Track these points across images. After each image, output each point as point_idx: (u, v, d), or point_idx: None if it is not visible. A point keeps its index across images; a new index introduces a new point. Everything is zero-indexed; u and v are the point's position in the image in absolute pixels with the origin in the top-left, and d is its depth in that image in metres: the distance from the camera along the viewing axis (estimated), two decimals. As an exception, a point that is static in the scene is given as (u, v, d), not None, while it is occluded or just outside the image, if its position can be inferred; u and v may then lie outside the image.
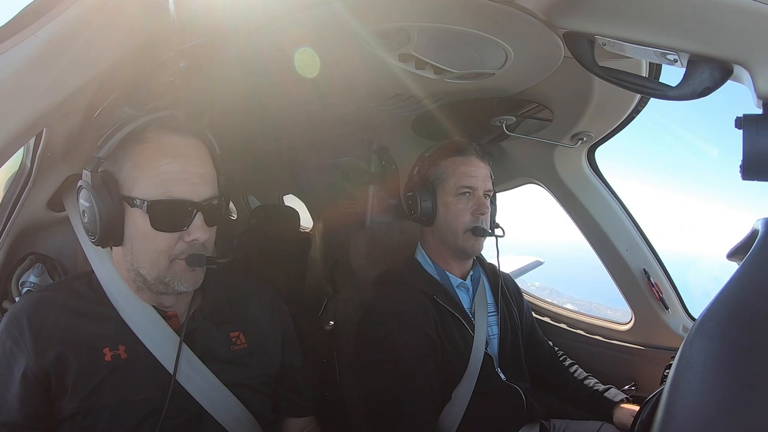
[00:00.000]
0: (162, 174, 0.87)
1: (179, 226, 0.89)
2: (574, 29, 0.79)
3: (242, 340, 1.04)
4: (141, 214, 0.87)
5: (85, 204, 0.88)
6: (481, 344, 1.34)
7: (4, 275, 1.12)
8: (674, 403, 0.49)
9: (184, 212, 0.89)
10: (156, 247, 0.89)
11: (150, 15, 0.77)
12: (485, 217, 1.38)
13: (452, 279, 1.42)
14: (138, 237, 0.89)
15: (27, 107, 0.71)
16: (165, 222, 0.88)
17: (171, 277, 0.91)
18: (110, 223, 0.87)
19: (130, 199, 0.87)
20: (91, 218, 0.87)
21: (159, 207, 0.86)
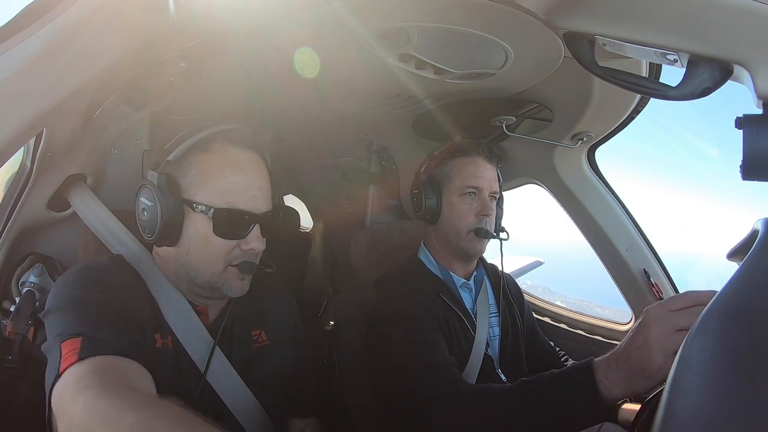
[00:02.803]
0: (226, 184, 0.92)
1: (238, 234, 0.93)
2: (574, 29, 0.79)
3: (263, 337, 1.07)
4: (203, 219, 0.91)
5: (146, 203, 0.91)
6: (482, 345, 1.34)
7: (4, 275, 1.12)
8: (674, 403, 0.49)
9: (244, 222, 0.93)
10: (214, 250, 0.92)
11: (150, 15, 0.77)
12: (489, 218, 1.37)
13: (456, 279, 1.42)
14: (197, 240, 0.92)
15: (27, 107, 0.71)
16: (226, 229, 0.92)
17: (222, 282, 0.94)
18: (170, 224, 0.90)
19: (193, 203, 0.91)
20: (152, 217, 0.90)
21: (223, 215, 0.91)
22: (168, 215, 0.89)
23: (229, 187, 0.92)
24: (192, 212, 0.91)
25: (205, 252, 0.93)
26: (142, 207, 0.92)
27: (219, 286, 0.94)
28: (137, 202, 0.94)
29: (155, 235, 0.91)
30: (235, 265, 0.94)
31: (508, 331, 1.45)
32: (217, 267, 0.93)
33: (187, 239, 0.92)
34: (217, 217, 0.90)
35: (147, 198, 0.92)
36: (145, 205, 0.92)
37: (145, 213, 0.92)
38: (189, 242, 0.93)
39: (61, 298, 0.83)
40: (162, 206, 0.89)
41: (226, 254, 0.93)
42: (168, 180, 0.91)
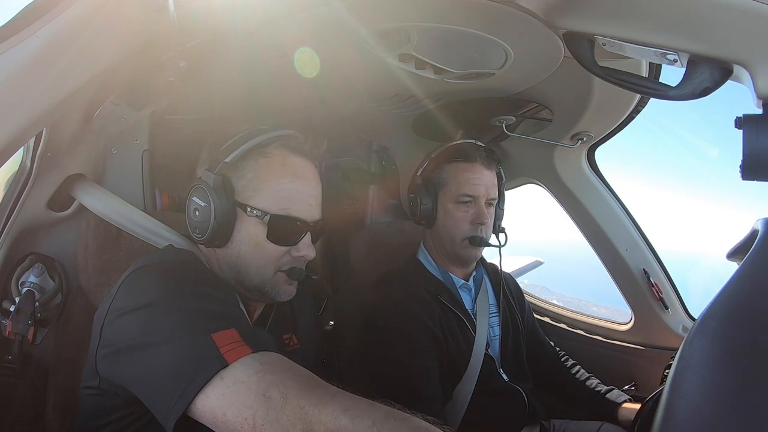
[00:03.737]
0: (283, 191, 0.92)
1: (291, 241, 0.94)
2: (574, 29, 0.79)
3: (294, 341, 1.07)
4: (257, 224, 0.91)
5: (199, 203, 0.91)
6: (482, 344, 1.34)
7: (4, 275, 1.11)
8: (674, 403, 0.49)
9: (298, 229, 0.94)
10: (265, 255, 0.92)
11: (150, 15, 0.77)
12: (485, 226, 1.36)
13: (455, 280, 1.42)
14: (249, 244, 0.92)
15: (27, 107, 0.71)
16: (280, 236, 0.92)
17: (271, 286, 0.95)
18: (223, 225, 0.90)
19: (247, 207, 0.90)
20: (204, 217, 0.90)
21: (278, 221, 0.91)
22: (221, 217, 0.89)
23: (285, 194, 0.92)
24: (245, 215, 0.91)
25: (256, 256, 0.92)
26: (194, 207, 0.92)
27: (268, 290, 0.95)
28: (189, 201, 0.94)
29: (206, 236, 0.91)
30: (284, 270, 0.94)
31: (508, 331, 1.45)
32: (267, 272, 0.93)
33: (238, 242, 0.92)
34: (272, 223, 0.90)
35: (200, 198, 0.91)
36: (197, 205, 0.91)
37: (197, 213, 0.92)
38: (240, 245, 0.92)
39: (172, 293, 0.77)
40: (216, 207, 0.89)
41: (277, 260, 0.93)
42: (223, 181, 0.90)
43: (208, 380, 0.65)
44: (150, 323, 0.74)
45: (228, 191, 0.90)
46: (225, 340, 0.69)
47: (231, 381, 0.65)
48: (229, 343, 0.68)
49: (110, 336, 0.78)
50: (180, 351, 0.69)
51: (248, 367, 0.66)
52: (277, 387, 0.63)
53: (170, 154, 1.49)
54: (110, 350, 0.78)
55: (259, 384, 0.64)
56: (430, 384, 1.23)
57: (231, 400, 0.64)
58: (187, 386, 0.66)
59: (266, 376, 0.65)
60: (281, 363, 0.69)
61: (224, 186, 0.90)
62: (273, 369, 0.66)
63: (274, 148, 0.93)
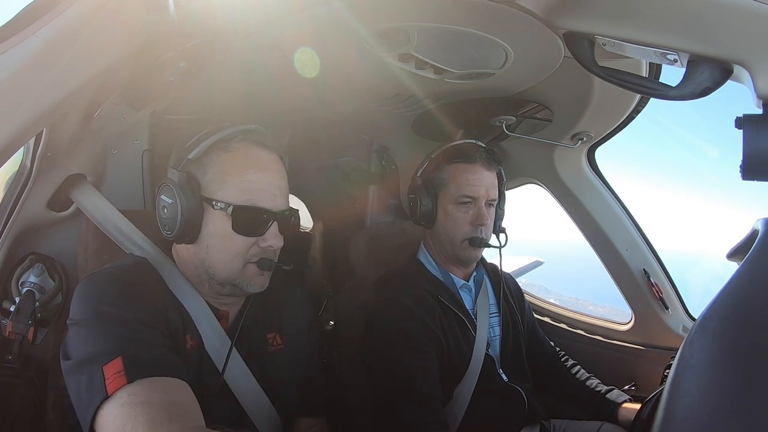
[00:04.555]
0: (247, 182, 0.93)
1: (257, 232, 0.94)
2: (574, 29, 0.79)
3: (278, 341, 1.07)
4: (222, 217, 0.92)
5: (167, 200, 0.92)
6: (483, 345, 1.34)
7: (4, 275, 1.12)
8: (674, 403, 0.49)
9: (263, 220, 0.94)
10: (233, 248, 0.93)
11: (150, 15, 0.77)
12: (485, 227, 1.35)
13: (455, 280, 1.42)
14: (216, 237, 0.93)
15: (27, 107, 0.71)
16: (245, 227, 0.93)
17: (242, 279, 0.95)
18: (190, 221, 0.91)
19: (213, 201, 0.92)
20: (172, 214, 0.91)
21: (242, 212, 0.92)
22: (188, 212, 0.90)
23: (249, 185, 0.93)
24: (211, 210, 0.92)
25: (224, 249, 0.93)
26: (163, 204, 0.93)
27: (239, 282, 0.95)
28: (158, 199, 0.95)
29: (175, 232, 0.92)
30: (254, 262, 0.95)
31: (508, 331, 1.45)
32: (236, 264, 0.94)
33: (206, 237, 0.93)
34: (236, 215, 0.91)
35: (167, 195, 0.92)
36: (165, 203, 0.93)
37: (165, 210, 0.93)
38: (208, 239, 0.93)
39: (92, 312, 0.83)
40: (182, 204, 0.90)
41: (244, 251, 0.94)
42: (188, 178, 0.92)
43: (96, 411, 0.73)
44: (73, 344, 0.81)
45: (193, 187, 0.92)
46: (111, 371, 0.75)
47: (108, 414, 0.72)
48: (113, 373, 0.74)
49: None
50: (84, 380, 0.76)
51: (118, 400, 0.72)
52: (130, 421, 0.70)
53: (170, 155, 1.49)
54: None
55: (120, 417, 0.71)
56: (430, 384, 1.23)
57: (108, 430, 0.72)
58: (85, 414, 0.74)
59: (126, 409, 0.71)
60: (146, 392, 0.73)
61: (189, 182, 0.92)
62: (134, 400, 0.72)
63: (236, 142, 0.94)
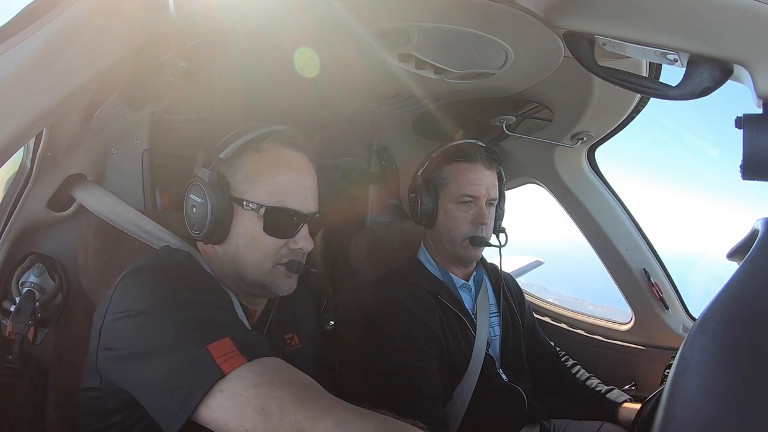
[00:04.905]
0: (278, 184, 0.93)
1: (287, 233, 0.94)
2: (574, 29, 0.79)
3: (296, 341, 1.08)
4: (253, 217, 0.92)
5: (196, 200, 0.92)
6: (483, 344, 1.34)
7: (4, 275, 1.11)
8: (674, 403, 0.49)
9: (294, 222, 0.94)
10: (263, 249, 0.93)
11: (150, 15, 0.77)
12: (486, 226, 1.36)
13: (455, 280, 1.42)
14: (246, 238, 0.92)
15: (27, 107, 0.71)
16: (276, 228, 0.92)
17: (271, 280, 0.95)
18: (220, 221, 0.91)
19: (243, 201, 0.91)
20: (201, 214, 0.91)
21: (273, 214, 0.92)
22: (218, 212, 0.90)
23: (280, 186, 0.92)
24: (241, 210, 0.92)
25: (253, 250, 0.93)
26: (192, 204, 0.93)
27: (268, 284, 0.95)
28: (186, 198, 0.94)
29: (204, 232, 0.91)
30: (283, 263, 0.95)
31: (508, 331, 1.45)
32: (265, 265, 0.94)
33: (236, 237, 0.93)
34: (267, 216, 0.91)
35: (197, 195, 0.92)
36: (194, 202, 0.92)
37: (194, 210, 0.92)
38: (237, 240, 0.93)
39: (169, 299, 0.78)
40: (212, 203, 0.89)
41: (274, 253, 0.94)
42: (219, 178, 0.91)
43: (208, 391, 0.67)
44: (146, 331, 0.75)
45: (224, 187, 0.91)
46: (220, 351, 0.70)
47: (229, 394, 0.67)
48: (224, 353, 0.70)
49: (109, 339, 0.79)
50: (178, 362, 0.71)
51: (244, 379, 0.68)
52: (274, 400, 0.65)
53: (170, 154, 1.49)
54: (111, 354, 0.79)
55: (257, 397, 0.66)
56: (431, 384, 1.23)
57: (231, 412, 0.66)
58: (188, 397, 0.67)
59: (262, 388, 0.67)
60: (277, 371, 0.71)
61: (220, 182, 0.91)
62: (268, 380, 0.68)
63: (267, 142, 0.94)
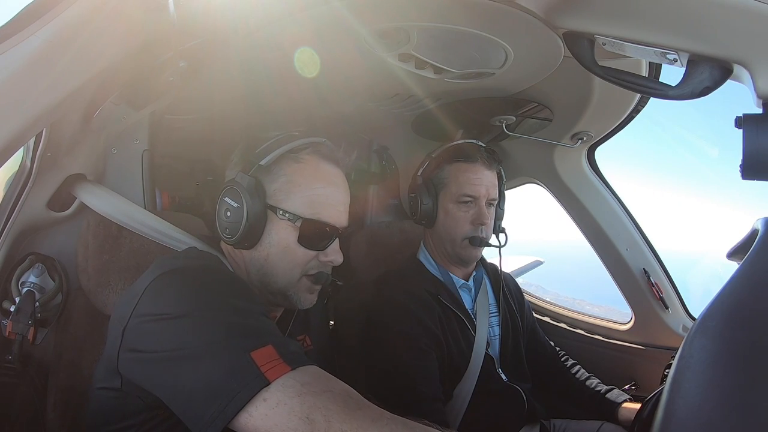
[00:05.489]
0: (315, 196, 0.93)
1: (320, 246, 0.95)
2: (574, 29, 0.79)
3: (308, 342, 1.07)
4: (288, 227, 0.92)
5: (232, 204, 0.92)
6: (482, 344, 1.34)
7: (4, 275, 1.11)
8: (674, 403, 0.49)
9: (327, 235, 0.95)
10: (294, 259, 0.93)
11: (150, 15, 0.77)
12: (486, 226, 1.36)
13: (455, 279, 1.42)
14: (279, 246, 0.93)
15: (27, 107, 0.71)
16: (310, 240, 0.93)
17: (295, 291, 0.95)
18: (254, 227, 0.91)
19: (279, 210, 0.92)
20: (236, 218, 0.91)
21: (309, 225, 0.92)
22: (253, 218, 0.90)
23: (317, 199, 0.93)
24: (276, 218, 0.92)
25: (285, 259, 0.93)
26: (226, 207, 0.92)
27: (291, 294, 0.95)
28: (220, 202, 0.94)
29: (236, 237, 0.91)
30: (311, 275, 0.95)
31: (508, 331, 1.45)
32: (293, 275, 0.94)
33: (267, 245, 0.93)
34: (304, 227, 0.92)
35: (233, 199, 0.92)
36: (229, 206, 0.92)
37: (228, 213, 0.92)
38: (269, 248, 0.93)
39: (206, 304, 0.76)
40: (249, 208, 0.90)
41: (304, 264, 0.94)
42: (256, 184, 0.91)
43: (250, 399, 0.66)
44: (184, 335, 0.73)
45: (260, 193, 0.91)
46: (264, 358, 0.69)
47: (274, 402, 0.66)
48: (268, 361, 0.69)
49: (136, 340, 0.77)
50: (219, 367, 0.69)
51: (289, 388, 0.67)
52: (319, 410, 0.65)
53: (170, 154, 1.49)
54: (138, 356, 0.76)
55: (302, 406, 0.65)
56: (431, 384, 1.23)
57: (275, 421, 0.65)
58: (228, 404, 0.66)
59: (308, 398, 0.66)
60: (320, 381, 0.70)
61: (257, 188, 0.91)
62: (314, 389, 0.67)
63: (307, 153, 0.95)
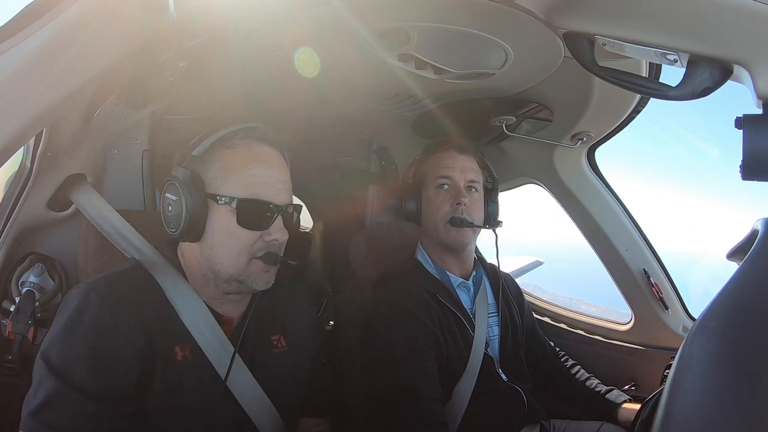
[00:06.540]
0: (250, 177, 0.94)
1: (262, 225, 0.94)
2: (574, 29, 0.79)
3: (282, 342, 1.07)
4: (227, 211, 0.92)
5: (171, 198, 0.93)
6: (481, 344, 1.34)
7: (4, 275, 1.12)
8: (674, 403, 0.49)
9: (268, 213, 0.95)
10: (238, 243, 0.93)
11: (150, 15, 0.77)
12: (467, 207, 1.35)
13: (453, 278, 1.42)
14: (221, 233, 0.93)
15: (27, 107, 0.71)
16: (250, 220, 0.93)
17: (247, 275, 0.95)
18: (195, 218, 0.91)
19: (217, 197, 0.92)
20: (177, 212, 0.92)
21: (246, 205, 0.92)
22: (192, 209, 0.91)
23: (252, 179, 0.94)
24: (216, 205, 0.93)
25: (229, 244, 0.93)
26: (168, 202, 0.94)
27: (244, 279, 0.95)
28: (162, 197, 0.96)
29: (179, 230, 0.92)
30: (259, 257, 0.95)
31: (507, 331, 1.45)
32: (241, 259, 0.94)
33: (211, 233, 0.93)
34: (240, 208, 0.92)
35: (172, 193, 0.93)
36: (170, 201, 0.93)
37: (170, 208, 0.93)
38: (213, 236, 0.94)
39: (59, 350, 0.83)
40: (187, 200, 0.90)
41: (250, 246, 0.94)
42: (192, 175, 0.93)
43: None
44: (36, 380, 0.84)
45: (198, 184, 0.92)
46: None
47: None
48: None
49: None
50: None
51: None
52: None
53: (170, 154, 1.48)
54: None
55: None
56: (430, 384, 1.23)
57: None
58: None
59: None
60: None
61: (193, 179, 0.92)
62: None
63: (238, 139, 0.96)
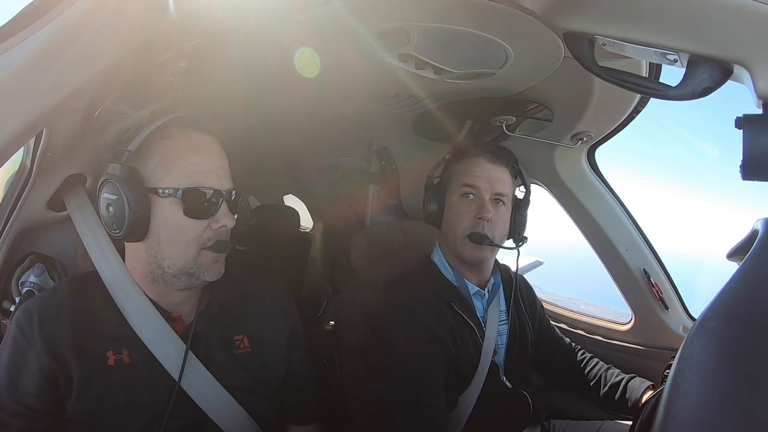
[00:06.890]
0: (191, 165, 0.92)
1: (209, 213, 0.93)
2: (574, 29, 0.79)
3: (245, 343, 1.04)
4: (172, 204, 0.91)
5: (111, 197, 0.90)
6: (489, 352, 1.32)
7: (4, 275, 1.11)
8: (674, 403, 0.49)
9: (213, 200, 0.93)
10: (186, 235, 0.92)
11: (150, 15, 0.77)
12: (490, 223, 1.27)
13: (470, 286, 1.36)
14: (167, 227, 0.92)
15: (27, 107, 0.71)
16: (196, 209, 0.92)
17: (197, 267, 0.94)
18: (138, 215, 0.89)
19: (159, 190, 0.90)
20: (119, 211, 0.89)
21: (192, 195, 0.91)
22: (135, 206, 0.88)
23: (193, 168, 0.92)
24: (159, 199, 0.90)
25: (177, 237, 0.92)
26: (107, 202, 0.90)
27: (195, 271, 0.94)
28: (100, 198, 0.93)
29: (124, 230, 0.89)
30: (209, 247, 0.94)
31: (515, 339, 1.42)
32: (191, 251, 0.93)
33: (156, 228, 0.91)
34: (186, 198, 0.90)
35: (111, 192, 0.89)
36: (109, 200, 0.90)
37: (110, 208, 0.90)
38: (159, 231, 0.92)
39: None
40: (128, 198, 0.87)
41: (198, 236, 0.93)
42: (131, 171, 0.90)
43: None
44: None
45: (137, 180, 0.90)
46: None
47: None
48: None
49: None
50: None
51: None
52: None
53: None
54: None
55: None
56: (434, 393, 1.20)
57: None
58: None
59: None
60: None
61: (132, 175, 0.90)
62: None
63: (173, 128, 0.95)
